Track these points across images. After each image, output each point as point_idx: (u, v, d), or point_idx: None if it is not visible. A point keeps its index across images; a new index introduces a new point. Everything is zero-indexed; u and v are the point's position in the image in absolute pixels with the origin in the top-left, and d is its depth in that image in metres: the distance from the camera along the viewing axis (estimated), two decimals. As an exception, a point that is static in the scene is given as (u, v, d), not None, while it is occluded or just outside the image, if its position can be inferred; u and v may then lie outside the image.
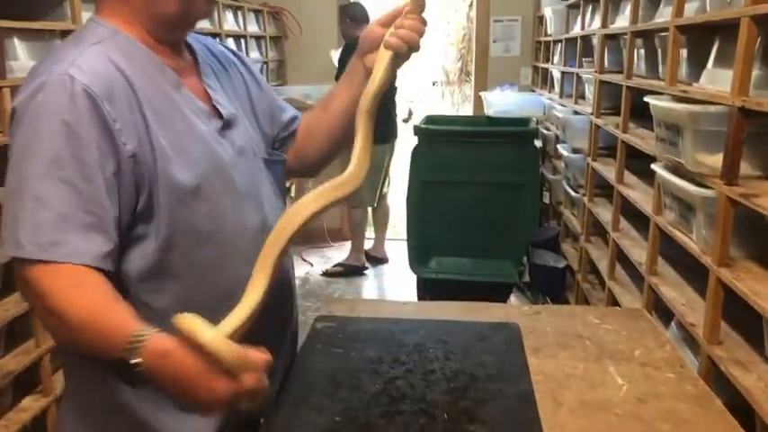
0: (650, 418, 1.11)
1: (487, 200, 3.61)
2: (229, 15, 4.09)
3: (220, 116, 1.13)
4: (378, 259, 4.73)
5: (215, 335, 0.83)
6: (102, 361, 0.88)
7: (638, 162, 2.31)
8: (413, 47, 1.10)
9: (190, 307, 0.87)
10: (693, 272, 1.80)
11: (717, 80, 1.59)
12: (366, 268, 4.58)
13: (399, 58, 1.12)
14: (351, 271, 4.53)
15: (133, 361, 0.84)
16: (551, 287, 3.13)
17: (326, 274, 4.53)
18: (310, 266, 4.74)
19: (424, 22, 1.11)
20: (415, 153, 3.77)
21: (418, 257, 3.74)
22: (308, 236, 5.15)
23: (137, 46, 1.05)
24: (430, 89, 9.60)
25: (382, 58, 1.11)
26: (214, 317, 0.88)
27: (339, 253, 4.90)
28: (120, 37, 1.04)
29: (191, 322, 0.84)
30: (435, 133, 3.76)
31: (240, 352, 0.84)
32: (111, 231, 0.95)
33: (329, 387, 1.20)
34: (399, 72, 1.19)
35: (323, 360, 1.31)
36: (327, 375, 1.25)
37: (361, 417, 1.10)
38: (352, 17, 4.22)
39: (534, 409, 1.13)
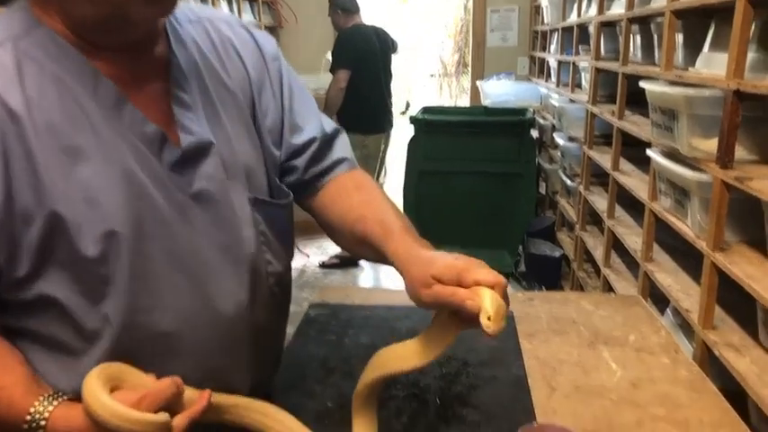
0: (644, 403, 1.10)
1: (484, 190, 3.60)
2: (224, 4, 4.06)
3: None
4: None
5: (104, 402, 0.71)
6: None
7: (634, 150, 2.31)
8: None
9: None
10: (688, 258, 1.80)
11: (712, 64, 1.58)
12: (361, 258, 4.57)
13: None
14: (347, 262, 4.52)
15: None
16: (547, 276, 3.12)
17: (323, 265, 4.52)
18: (307, 258, 4.72)
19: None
20: (412, 143, 3.76)
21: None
22: (306, 227, 5.12)
23: (62, 49, 0.79)
24: (427, 81, 9.59)
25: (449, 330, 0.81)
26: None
27: (335, 245, 4.88)
28: (38, 34, 0.79)
29: (88, 387, 0.72)
30: (432, 123, 3.75)
31: (137, 419, 0.71)
32: None
33: (321, 373, 1.20)
34: (396, 63, 1.10)
35: (316, 346, 1.30)
36: (320, 361, 1.24)
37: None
38: (343, 7, 4.18)
39: (527, 395, 1.12)
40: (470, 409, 1.08)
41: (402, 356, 0.85)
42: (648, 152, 1.84)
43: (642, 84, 1.83)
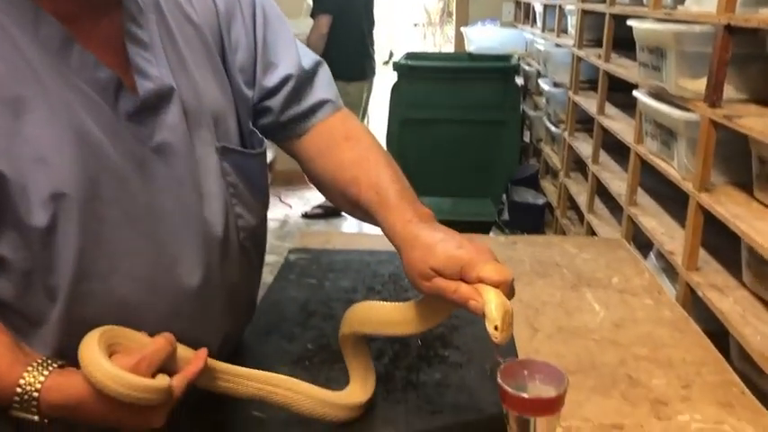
0: (627, 343, 1.09)
1: (468, 138, 3.56)
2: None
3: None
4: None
5: (107, 369, 0.66)
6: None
7: (620, 95, 2.28)
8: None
9: None
10: (673, 202, 1.79)
11: (703, 1, 1.54)
12: (345, 209, 4.54)
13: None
14: (330, 212, 4.48)
15: (33, 418, 0.67)
16: (530, 224, 3.12)
17: (306, 215, 4.49)
18: (289, 208, 4.69)
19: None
20: (395, 90, 3.69)
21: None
22: (288, 178, 5.08)
23: None
24: (411, 30, 9.42)
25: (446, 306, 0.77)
26: None
27: (318, 194, 4.82)
28: None
29: (86, 352, 0.67)
30: (415, 69, 3.68)
31: (139, 384, 0.66)
32: None
33: (301, 316, 1.17)
34: (379, 11, 1.00)
35: (295, 290, 1.28)
36: (300, 305, 1.22)
37: (334, 344, 1.07)
38: None
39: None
40: (452, 349, 1.06)
41: (398, 322, 0.81)
42: (635, 93, 1.81)
43: (630, 22, 1.78)
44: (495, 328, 0.68)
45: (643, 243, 1.83)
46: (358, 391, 0.88)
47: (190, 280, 0.81)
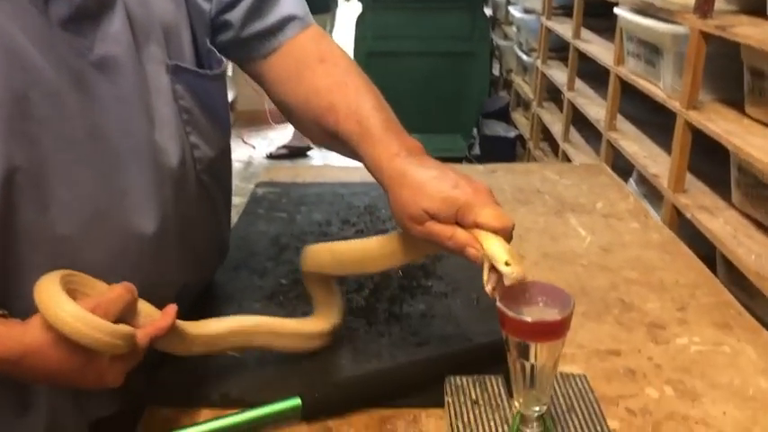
0: (617, 267, 1.05)
1: (436, 71, 3.46)
2: None
3: None
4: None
5: (71, 309, 0.58)
6: None
7: (594, 21, 2.21)
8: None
9: None
10: (653, 127, 1.73)
11: None
12: (310, 149, 4.43)
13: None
14: (295, 152, 4.38)
15: None
16: (502, 157, 3.06)
17: (271, 156, 4.38)
18: (253, 149, 4.56)
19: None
20: (360, 22, 3.55)
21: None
22: (250, 118, 4.93)
23: None
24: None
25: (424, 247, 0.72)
26: None
27: (283, 135, 4.72)
28: None
29: (47, 292, 0.59)
30: None
31: (106, 327, 0.59)
32: None
33: (273, 250, 1.10)
34: None
35: (265, 224, 1.20)
36: (271, 239, 1.14)
37: (309, 278, 1.00)
38: None
39: (495, 263, 1.05)
40: (435, 279, 1.00)
41: (374, 258, 0.74)
42: (616, 10, 1.73)
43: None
44: (507, 263, 0.62)
45: (622, 169, 1.79)
46: (321, 319, 0.82)
47: (141, 215, 0.71)
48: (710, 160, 1.30)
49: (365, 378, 0.75)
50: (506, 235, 0.65)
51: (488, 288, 0.63)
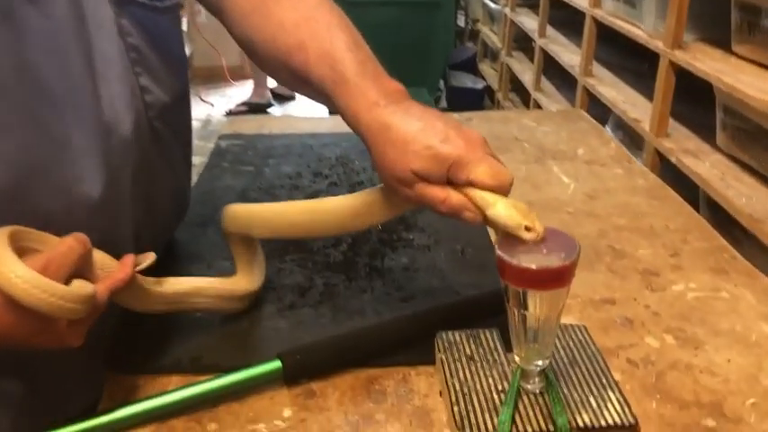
0: (605, 214, 1.00)
1: (398, 22, 3.35)
2: None
3: None
4: (284, 96, 4.46)
5: (23, 274, 0.51)
6: None
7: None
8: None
9: None
10: (630, 73, 1.69)
11: None
12: (271, 105, 4.31)
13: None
14: (255, 109, 4.25)
15: None
16: (470, 110, 3.00)
17: (230, 113, 4.25)
18: (211, 107, 4.42)
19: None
20: (319, -29, 3.40)
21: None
22: (207, 74, 4.77)
23: None
24: None
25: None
26: None
27: (241, 92, 4.58)
28: None
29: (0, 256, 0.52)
30: (340, -53, 3.39)
31: (63, 291, 0.52)
32: None
33: (241, 205, 1.03)
34: None
35: (231, 178, 1.12)
36: (238, 193, 1.07)
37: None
38: None
39: (478, 213, 0.99)
40: (417, 232, 0.95)
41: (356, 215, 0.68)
42: (591, -49, 1.66)
43: None
44: (527, 229, 0.56)
45: (596, 117, 1.75)
46: (244, 280, 0.75)
47: (84, 168, 0.62)
48: (691, 105, 1.27)
49: (349, 336, 0.69)
50: (504, 193, 0.58)
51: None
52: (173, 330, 0.74)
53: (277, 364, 0.65)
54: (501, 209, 0.57)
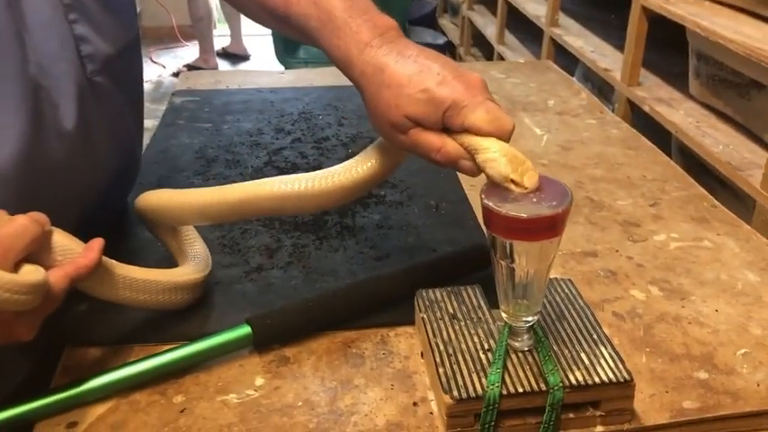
0: (580, 165, 0.97)
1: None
2: None
3: None
4: (238, 56, 4.32)
5: None
6: None
7: None
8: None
9: None
10: (597, 23, 1.65)
11: None
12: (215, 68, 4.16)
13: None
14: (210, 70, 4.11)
15: None
16: (431, 67, 2.94)
17: (175, 76, 4.10)
18: (162, 68, 4.26)
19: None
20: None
21: (285, 47, 3.40)
22: (158, 35, 4.59)
23: None
24: None
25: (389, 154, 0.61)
26: None
27: (192, 52, 4.43)
28: None
29: None
30: None
31: (7, 283, 0.45)
32: None
33: (200, 164, 0.97)
34: None
35: (187, 136, 1.06)
36: (196, 152, 1.00)
37: (245, 192, 0.88)
38: None
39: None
40: (388, 188, 0.90)
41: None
42: None
43: None
44: (514, 182, 0.51)
45: (563, 68, 1.72)
46: (189, 269, 0.67)
47: (6, 127, 0.55)
48: (661, 53, 1.24)
49: (322, 298, 0.65)
50: (504, 140, 0.54)
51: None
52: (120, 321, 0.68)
53: (246, 329, 0.60)
54: (490, 155, 0.52)
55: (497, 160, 0.52)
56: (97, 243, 0.54)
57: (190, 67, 4.07)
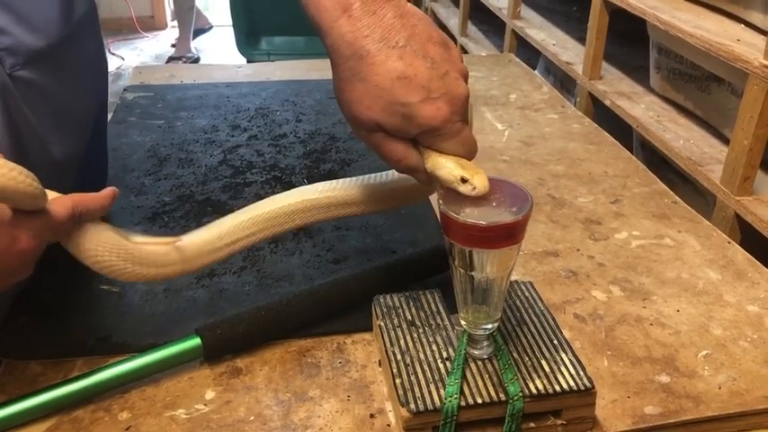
0: (542, 161, 0.96)
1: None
2: None
3: None
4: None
5: None
6: None
7: None
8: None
9: None
10: (558, 15, 1.64)
11: None
12: (198, 60, 4.07)
13: None
14: (168, 61, 4.02)
15: None
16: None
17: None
18: (122, 60, 4.15)
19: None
20: None
21: (247, 39, 3.34)
22: (116, 26, 4.48)
23: None
24: None
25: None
26: None
27: (153, 44, 4.33)
28: None
29: None
30: None
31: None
32: None
33: (151, 164, 0.93)
34: None
35: (138, 134, 1.02)
36: (147, 151, 0.97)
37: (198, 193, 0.85)
38: None
39: (411, 164, 0.93)
40: (347, 186, 0.88)
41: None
42: None
43: None
44: (464, 180, 0.49)
45: (525, 62, 1.71)
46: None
47: None
48: (622, 46, 1.23)
49: (277, 305, 0.62)
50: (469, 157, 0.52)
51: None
52: (75, 306, 0.65)
53: (196, 340, 0.58)
54: (439, 161, 0.51)
55: (446, 163, 0.50)
56: (110, 190, 0.51)
57: (172, 59, 3.98)
